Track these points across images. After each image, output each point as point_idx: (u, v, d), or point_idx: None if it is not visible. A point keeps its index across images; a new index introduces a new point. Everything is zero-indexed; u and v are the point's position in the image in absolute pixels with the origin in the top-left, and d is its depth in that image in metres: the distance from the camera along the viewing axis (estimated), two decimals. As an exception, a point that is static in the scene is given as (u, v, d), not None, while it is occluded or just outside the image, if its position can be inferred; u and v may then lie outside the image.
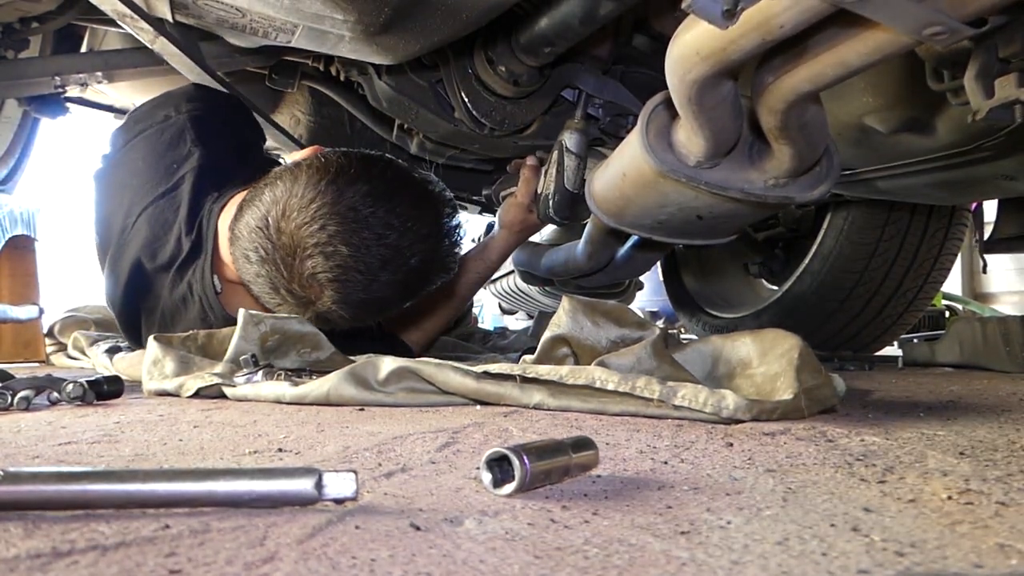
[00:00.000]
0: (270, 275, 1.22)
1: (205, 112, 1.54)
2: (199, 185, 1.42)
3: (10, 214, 2.10)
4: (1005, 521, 0.46)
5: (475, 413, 0.94)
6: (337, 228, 1.17)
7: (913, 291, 2.06)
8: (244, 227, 1.25)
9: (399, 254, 1.22)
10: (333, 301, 1.21)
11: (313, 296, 1.21)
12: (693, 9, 0.60)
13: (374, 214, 1.20)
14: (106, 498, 0.46)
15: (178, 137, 1.48)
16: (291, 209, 1.19)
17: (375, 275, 1.21)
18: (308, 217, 1.18)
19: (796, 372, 0.89)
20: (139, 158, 1.51)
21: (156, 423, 0.88)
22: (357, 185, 1.21)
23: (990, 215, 2.00)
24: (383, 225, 1.21)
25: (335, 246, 1.17)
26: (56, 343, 2.09)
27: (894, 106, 1.11)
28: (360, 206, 1.19)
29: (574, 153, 1.44)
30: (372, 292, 1.22)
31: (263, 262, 1.22)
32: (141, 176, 1.48)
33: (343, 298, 1.21)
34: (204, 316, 1.38)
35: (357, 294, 1.21)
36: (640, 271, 1.86)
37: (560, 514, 0.48)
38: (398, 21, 1.09)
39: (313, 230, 1.17)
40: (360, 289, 1.21)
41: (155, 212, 1.43)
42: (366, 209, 1.19)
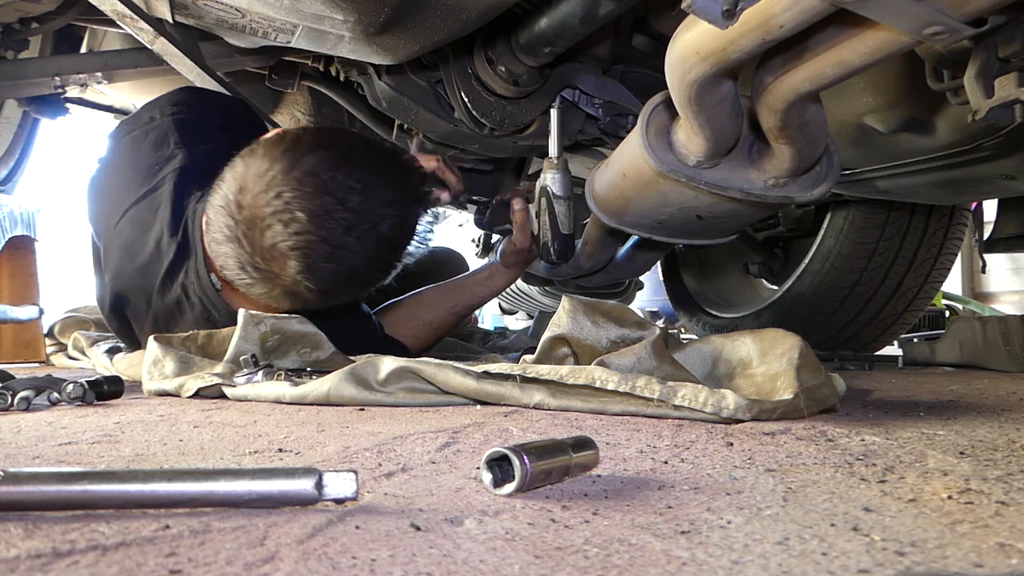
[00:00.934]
0: (236, 253, 1.20)
1: (191, 114, 1.53)
2: (181, 186, 1.40)
3: (10, 214, 2.10)
4: (1005, 520, 0.46)
5: (475, 413, 0.94)
6: (293, 194, 1.15)
7: (913, 291, 2.07)
8: (210, 211, 1.24)
9: (364, 219, 1.19)
10: (298, 272, 1.18)
11: (277, 268, 1.18)
12: (693, 9, 0.61)
13: (333, 178, 1.17)
14: (106, 498, 0.46)
15: (162, 139, 1.48)
16: (247, 181, 1.17)
17: (340, 242, 1.17)
18: (263, 186, 1.16)
19: (796, 372, 0.89)
20: (124, 160, 1.51)
21: (156, 423, 0.88)
22: (315, 152, 1.18)
23: (990, 215, 2.00)
24: (344, 189, 1.17)
25: (292, 212, 1.14)
26: (56, 343, 2.09)
27: (894, 106, 1.11)
28: (318, 171, 1.16)
29: (561, 197, 1.43)
30: (339, 261, 1.19)
31: (228, 241, 1.20)
32: (125, 178, 1.47)
33: (308, 268, 1.17)
34: (208, 316, 1.38)
35: (322, 263, 1.18)
36: (640, 271, 1.86)
37: (560, 514, 0.48)
38: (398, 21, 1.09)
39: (269, 198, 1.15)
40: (324, 257, 1.17)
41: (136, 214, 1.42)
42: (325, 174, 1.16)
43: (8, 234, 2.08)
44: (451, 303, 1.65)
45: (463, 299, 1.66)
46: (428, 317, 1.62)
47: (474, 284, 1.68)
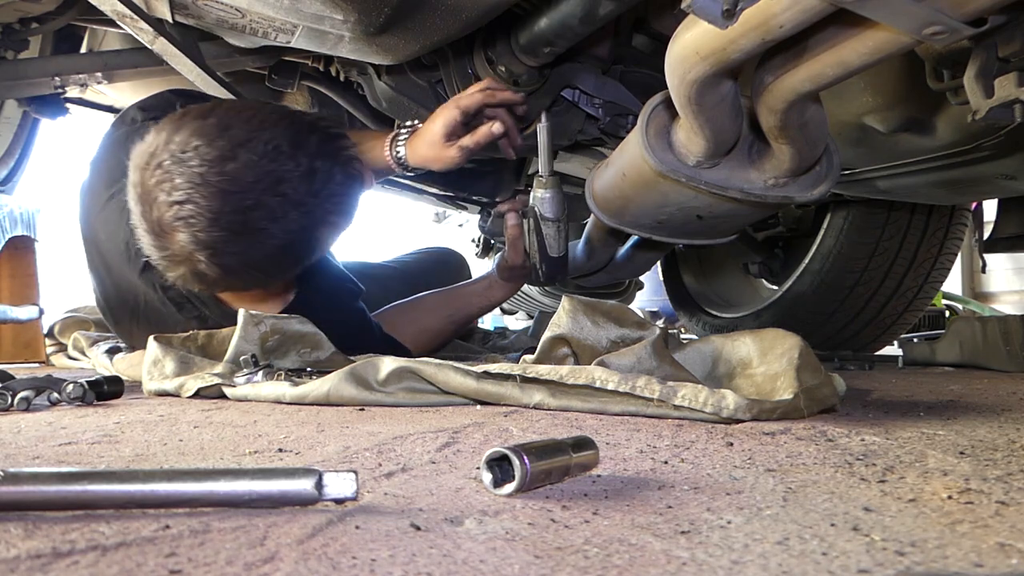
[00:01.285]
0: (144, 238, 1.17)
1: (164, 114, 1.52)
2: None
3: (10, 214, 2.10)
4: (1005, 520, 0.46)
5: (475, 413, 0.94)
6: (171, 161, 1.11)
7: (913, 291, 2.07)
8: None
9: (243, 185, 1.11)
10: (187, 243, 1.12)
11: (171, 244, 1.14)
12: (693, 9, 0.61)
13: (210, 143, 1.11)
14: (106, 498, 0.46)
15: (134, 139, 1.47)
16: (137, 159, 1.15)
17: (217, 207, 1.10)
18: (146, 159, 1.13)
19: (796, 372, 0.89)
20: (102, 161, 1.50)
21: (156, 423, 0.88)
22: (195, 121, 1.13)
23: (990, 214, 2.00)
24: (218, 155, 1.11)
25: (171, 180, 1.10)
26: (56, 343, 2.09)
27: (894, 106, 1.11)
28: (196, 137, 1.11)
29: (550, 219, 1.39)
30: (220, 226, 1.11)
31: (138, 227, 1.17)
32: (101, 178, 1.46)
33: (194, 239, 1.11)
34: (199, 314, 1.38)
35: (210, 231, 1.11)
36: (640, 271, 1.86)
37: (560, 514, 0.48)
38: (398, 21, 1.09)
39: (151, 170, 1.12)
40: (207, 224, 1.10)
41: (106, 214, 1.41)
42: (203, 139, 1.11)
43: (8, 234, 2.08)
44: (449, 311, 1.64)
45: (461, 309, 1.65)
46: (426, 323, 1.62)
47: (472, 295, 1.66)
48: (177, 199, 1.10)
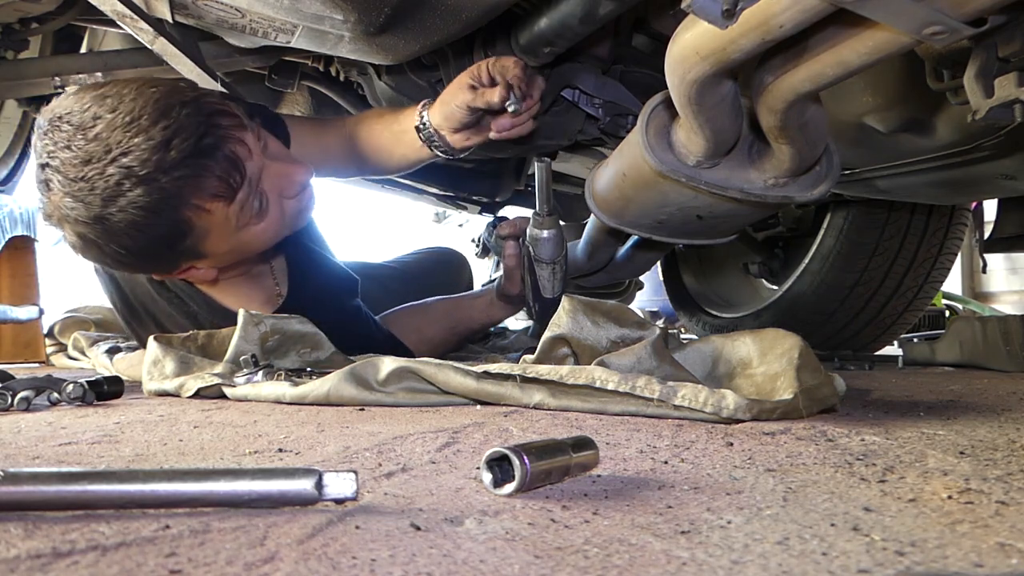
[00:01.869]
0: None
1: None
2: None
3: (10, 214, 2.10)
4: (1005, 520, 0.46)
5: (475, 413, 0.94)
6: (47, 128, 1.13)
7: (913, 290, 2.07)
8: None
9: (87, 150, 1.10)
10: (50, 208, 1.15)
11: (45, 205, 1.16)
12: (693, 9, 0.61)
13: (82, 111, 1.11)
14: (106, 498, 0.46)
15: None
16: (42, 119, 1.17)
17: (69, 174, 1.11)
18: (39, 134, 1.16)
19: (796, 372, 0.89)
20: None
21: (156, 423, 0.88)
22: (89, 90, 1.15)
23: (990, 215, 2.00)
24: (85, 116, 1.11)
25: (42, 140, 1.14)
26: (56, 343, 2.09)
27: (894, 106, 1.11)
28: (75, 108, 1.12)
29: (545, 262, 1.34)
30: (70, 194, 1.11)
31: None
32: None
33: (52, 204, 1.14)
34: (187, 309, 1.38)
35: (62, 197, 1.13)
36: (640, 271, 1.85)
37: (560, 514, 0.48)
38: (398, 21, 1.09)
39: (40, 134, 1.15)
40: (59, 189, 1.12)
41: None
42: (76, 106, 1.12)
43: (8, 234, 2.08)
44: (452, 323, 1.63)
45: (463, 321, 1.64)
46: (429, 333, 1.61)
47: (474, 309, 1.65)
48: (42, 163, 1.14)
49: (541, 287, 1.37)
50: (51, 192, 1.14)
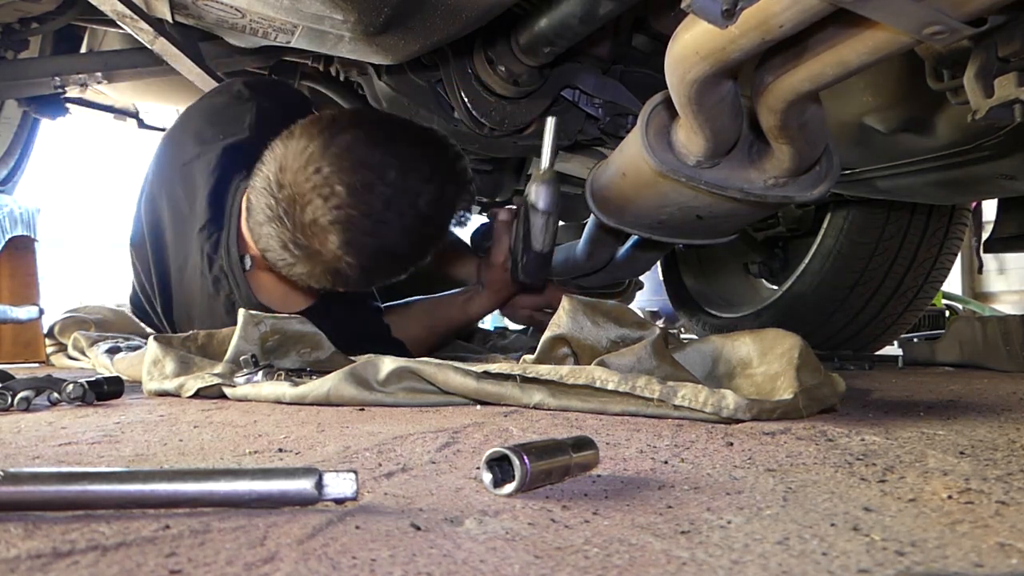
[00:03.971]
0: (278, 233, 1.21)
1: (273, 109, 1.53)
2: (231, 160, 1.42)
3: (10, 214, 2.10)
4: (1005, 520, 0.46)
5: (475, 413, 0.94)
6: (332, 169, 1.16)
7: (913, 290, 2.06)
8: (252, 194, 1.26)
9: (403, 194, 1.19)
10: (339, 247, 1.18)
11: (318, 244, 1.19)
12: (693, 9, 0.61)
13: (371, 155, 1.18)
14: (106, 498, 0.46)
15: (239, 117, 1.49)
16: (287, 160, 1.19)
17: (380, 216, 1.18)
18: (303, 163, 1.18)
19: (796, 372, 0.89)
20: (194, 118, 1.52)
21: (156, 423, 0.88)
22: (351, 131, 1.20)
23: (990, 215, 2.00)
24: (380, 164, 1.18)
25: (331, 186, 1.16)
26: (56, 343, 2.08)
27: (894, 105, 1.11)
28: (355, 146, 1.18)
29: (540, 210, 1.33)
30: (380, 236, 1.20)
31: (270, 221, 1.22)
32: (187, 134, 1.49)
33: (348, 242, 1.18)
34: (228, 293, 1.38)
35: (363, 237, 1.19)
36: (640, 271, 1.85)
37: (560, 514, 0.48)
38: (398, 21, 1.09)
39: (309, 174, 1.17)
40: (364, 231, 1.18)
41: (187, 172, 1.43)
42: (362, 150, 1.18)
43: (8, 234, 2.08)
44: (432, 321, 1.61)
45: (442, 320, 1.62)
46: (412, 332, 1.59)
47: (452, 308, 1.62)
48: (337, 204, 1.16)
49: (533, 237, 1.35)
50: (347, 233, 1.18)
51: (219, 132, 1.46)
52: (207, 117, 1.51)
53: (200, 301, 1.40)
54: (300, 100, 1.62)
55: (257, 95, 1.52)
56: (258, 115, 1.48)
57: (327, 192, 1.16)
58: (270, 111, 1.50)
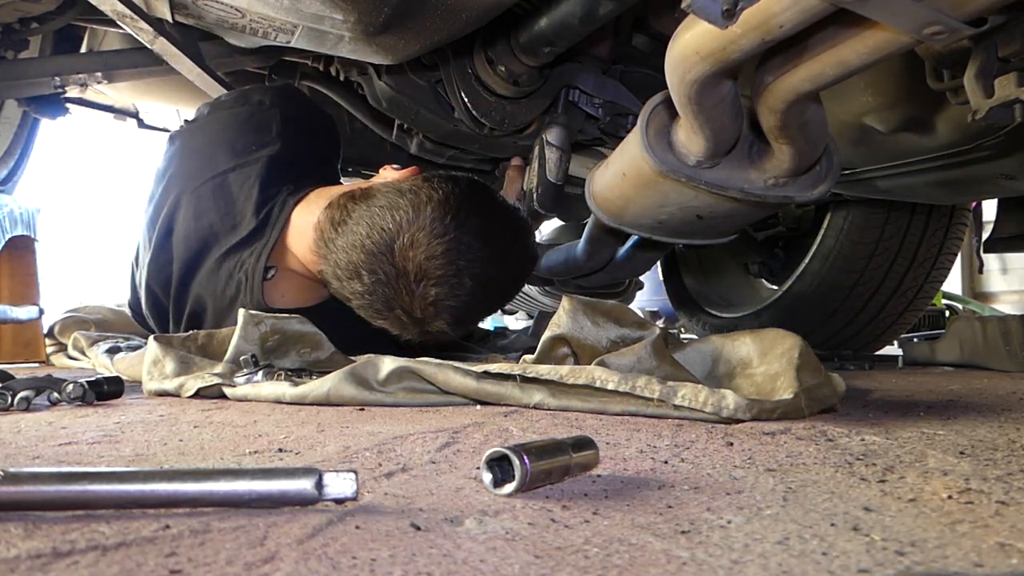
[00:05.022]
0: (386, 296, 1.25)
1: (297, 113, 1.57)
2: (273, 171, 1.45)
3: (10, 214, 2.10)
4: (1005, 520, 0.46)
5: (475, 413, 0.94)
6: (461, 263, 1.24)
7: (913, 290, 2.06)
8: (355, 244, 1.27)
9: (500, 283, 1.34)
10: (446, 324, 1.28)
11: (428, 317, 1.27)
12: (693, 9, 0.61)
13: (485, 249, 1.27)
14: (106, 498, 0.46)
15: (265, 125, 1.51)
16: (419, 242, 1.23)
17: (481, 301, 1.30)
18: (438, 252, 1.23)
19: (796, 372, 0.89)
20: (220, 130, 1.54)
21: (156, 423, 0.88)
22: (473, 220, 1.27)
23: (990, 215, 2.00)
24: (492, 260, 1.28)
25: (459, 279, 1.24)
26: (56, 343, 2.08)
27: (894, 105, 1.11)
28: (475, 242, 1.26)
29: (555, 146, 1.45)
30: (475, 314, 1.36)
31: (380, 284, 1.25)
32: (216, 146, 1.50)
33: (455, 320, 1.28)
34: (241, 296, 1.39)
35: (465, 316, 1.30)
36: (640, 271, 1.85)
37: (560, 514, 0.48)
38: (398, 21, 1.09)
39: (441, 263, 1.23)
40: (468, 312, 1.30)
41: (222, 183, 1.44)
42: (479, 245, 1.26)
43: (8, 234, 2.08)
44: None
45: None
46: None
47: None
48: (460, 294, 1.25)
49: (548, 170, 1.47)
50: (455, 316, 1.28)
51: (251, 143, 1.49)
52: (235, 128, 1.52)
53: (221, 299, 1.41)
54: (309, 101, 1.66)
55: (277, 102, 1.55)
56: (283, 122, 1.52)
57: (455, 282, 1.24)
58: (292, 117, 1.55)
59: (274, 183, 1.44)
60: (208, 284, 1.42)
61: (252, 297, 1.37)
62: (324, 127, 1.65)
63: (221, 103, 1.60)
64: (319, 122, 1.63)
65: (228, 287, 1.40)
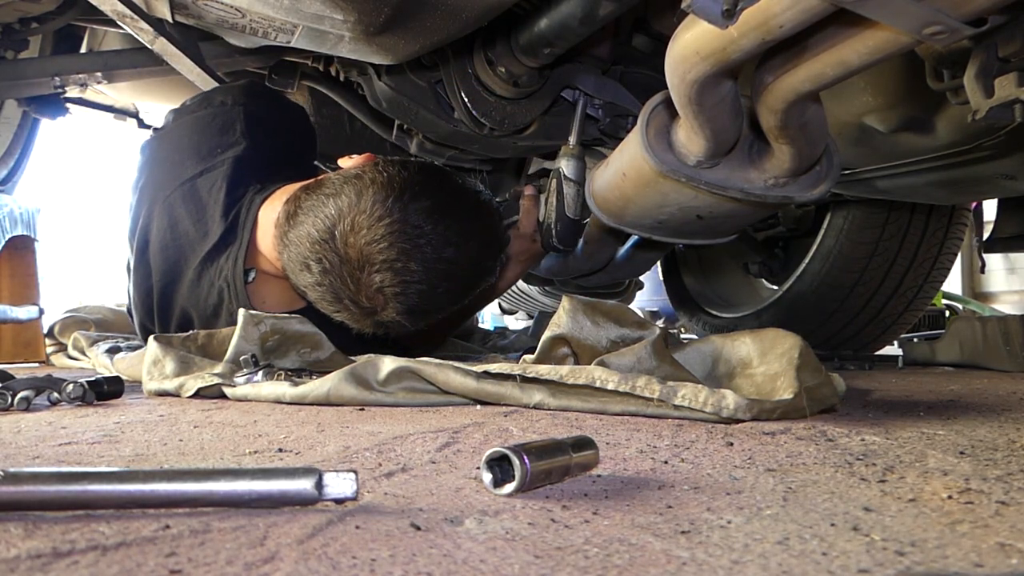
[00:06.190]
0: (334, 286, 1.23)
1: (261, 110, 1.55)
2: (239, 172, 1.42)
3: (10, 214, 2.10)
4: (1005, 520, 0.46)
5: (475, 413, 0.94)
6: (405, 246, 1.20)
7: (913, 290, 2.06)
8: (303, 235, 1.25)
9: (457, 268, 1.27)
10: (398, 313, 1.24)
11: (378, 307, 1.24)
12: (693, 9, 0.61)
13: (435, 230, 1.23)
14: (106, 498, 0.46)
15: (229, 125, 1.49)
16: (360, 226, 1.20)
17: (435, 287, 1.25)
18: (379, 235, 1.20)
19: (796, 371, 0.89)
20: (186, 135, 1.52)
21: (156, 423, 0.88)
22: (420, 202, 1.23)
23: (990, 215, 2.00)
24: (444, 242, 1.24)
25: (404, 263, 1.20)
26: (56, 343, 2.09)
27: (894, 105, 1.11)
28: (423, 223, 1.22)
29: (572, 180, 1.44)
30: (431, 302, 1.27)
31: (326, 273, 1.23)
32: (184, 153, 1.48)
33: (406, 309, 1.24)
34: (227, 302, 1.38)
35: (423, 305, 1.26)
36: (640, 271, 1.86)
37: (560, 514, 0.48)
38: (398, 21, 1.09)
39: (383, 247, 1.20)
40: (422, 300, 1.25)
41: (190, 189, 1.43)
42: (428, 226, 1.22)
43: (8, 234, 2.08)
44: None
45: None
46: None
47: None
48: (407, 279, 1.21)
49: (566, 205, 1.46)
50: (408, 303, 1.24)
51: (216, 146, 1.46)
52: (200, 132, 1.50)
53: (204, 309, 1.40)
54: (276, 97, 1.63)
55: (240, 100, 1.53)
56: (247, 121, 1.49)
57: (400, 267, 1.20)
58: (256, 114, 1.52)
59: (241, 183, 1.41)
60: (191, 296, 1.41)
61: (239, 304, 1.36)
62: (294, 120, 1.62)
63: (185, 108, 1.58)
64: (288, 117, 1.60)
65: (210, 296, 1.39)
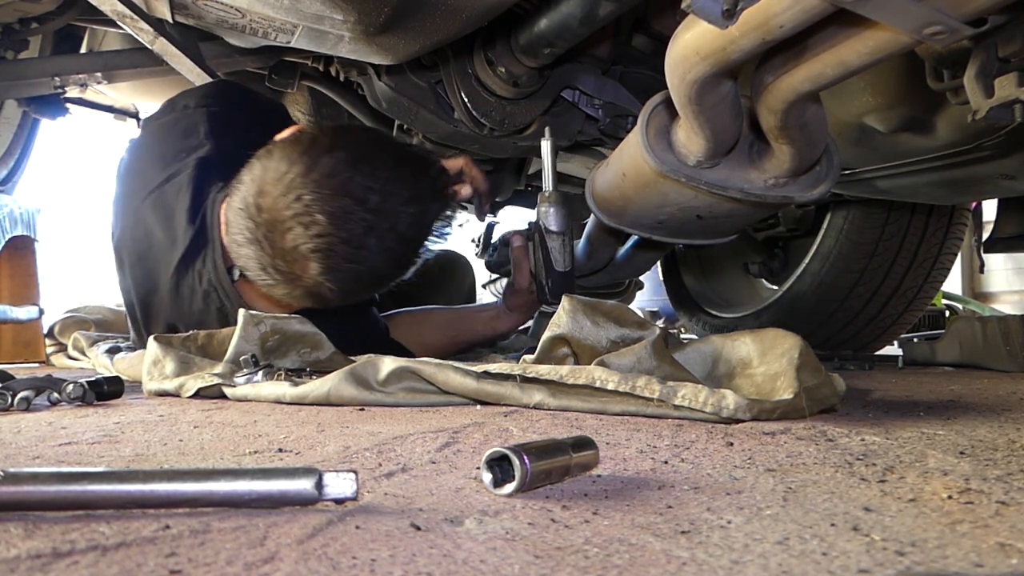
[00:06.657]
0: (257, 255, 1.20)
1: (225, 109, 1.53)
2: (202, 175, 1.40)
3: (10, 214, 2.10)
4: (1005, 520, 0.46)
5: (475, 413, 0.94)
6: (313, 197, 1.15)
7: (913, 290, 2.07)
8: (230, 212, 1.24)
9: (383, 218, 1.19)
10: (319, 273, 1.18)
11: (299, 270, 1.19)
12: (693, 9, 0.61)
13: (351, 179, 1.17)
14: (106, 498, 0.46)
15: (192, 128, 1.48)
16: (266, 184, 1.18)
17: (360, 242, 1.18)
18: (283, 189, 1.16)
19: (796, 372, 0.89)
20: (152, 143, 1.51)
21: (156, 423, 0.88)
22: (332, 152, 1.18)
23: (990, 215, 2.00)
24: (362, 189, 1.17)
25: (312, 215, 1.15)
26: (56, 343, 2.09)
27: (894, 105, 1.11)
28: (336, 172, 1.16)
29: (555, 233, 1.40)
30: (360, 261, 1.20)
31: (249, 243, 1.21)
32: (150, 162, 1.48)
33: (329, 269, 1.18)
34: (220, 306, 1.37)
35: (343, 264, 1.19)
36: (640, 271, 1.86)
37: (560, 514, 0.48)
38: (398, 21, 1.09)
39: (289, 202, 1.15)
40: (345, 258, 1.18)
41: (158, 198, 1.42)
42: (343, 175, 1.16)
43: (8, 234, 2.08)
44: (454, 333, 1.64)
45: (465, 332, 1.65)
46: (429, 340, 1.61)
47: (479, 322, 1.65)
48: (318, 233, 1.15)
49: (553, 260, 1.41)
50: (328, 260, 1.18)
51: (180, 150, 1.45)
52: (162, 138, 1.49)
53: (188, 316, 1.39)
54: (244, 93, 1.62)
55: (202, 102, 1.51)
56: (209, 121, 1.47)
57: (308, 220, 1.15)
58: (221, 114, 1.50)
59: (205, 185, 1.40)
60: (173, 308, 1.40)
61: (232, 302, 1.35)
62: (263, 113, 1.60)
63: (152, 116, 1.57)
64: (256, 112, 1.58)
65: (194, 303, 1.38)
